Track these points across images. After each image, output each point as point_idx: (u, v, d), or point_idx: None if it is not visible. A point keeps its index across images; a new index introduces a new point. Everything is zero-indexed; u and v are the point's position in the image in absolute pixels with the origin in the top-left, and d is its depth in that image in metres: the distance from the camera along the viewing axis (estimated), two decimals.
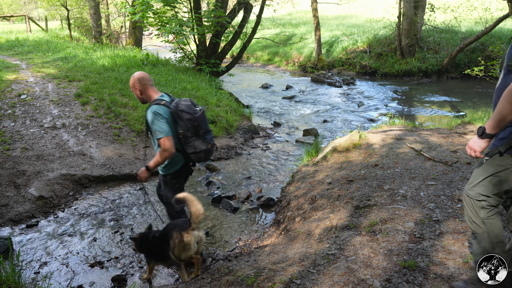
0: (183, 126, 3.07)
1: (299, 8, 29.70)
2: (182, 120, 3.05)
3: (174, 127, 3.10)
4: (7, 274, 2.92)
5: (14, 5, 40.97)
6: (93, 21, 16.45)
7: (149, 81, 3.19)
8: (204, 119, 3.17)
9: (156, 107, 3.05)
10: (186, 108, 3.06)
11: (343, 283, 2.48)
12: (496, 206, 2.07)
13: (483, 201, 2.05)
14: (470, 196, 2.11)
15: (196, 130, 3.12)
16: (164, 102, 3.10)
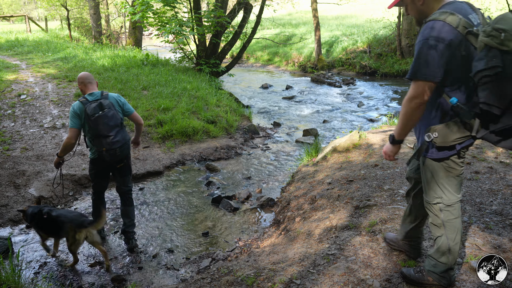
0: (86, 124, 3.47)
1: (299, 8, 29.72)
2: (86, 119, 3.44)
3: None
4: (7, 274, 2.92)
5: (14, 5, 40.97)
6: (93, 21, 16.45)
7: (86, 80, 3.58)
8: (101, 123, 3.40)
9: (74, 103, 3.52)
10: (89, 111, 3.40)
11: (343, 283, 2.48)
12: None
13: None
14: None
15: (94, 131, 3.43)
16: (84, 99, 3.47)
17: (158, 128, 6.84)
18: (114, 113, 3.50)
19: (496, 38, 1.64)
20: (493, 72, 1.65)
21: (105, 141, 3.43)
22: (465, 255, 2.60)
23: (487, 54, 1.67)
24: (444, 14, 1.81)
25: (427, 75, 1.81)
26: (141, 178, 5.58)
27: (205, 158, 6.39)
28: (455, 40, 1.79)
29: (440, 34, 1.78)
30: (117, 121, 3.51)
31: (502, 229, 2.85)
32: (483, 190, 3.51)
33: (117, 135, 3.48)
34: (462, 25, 1.79)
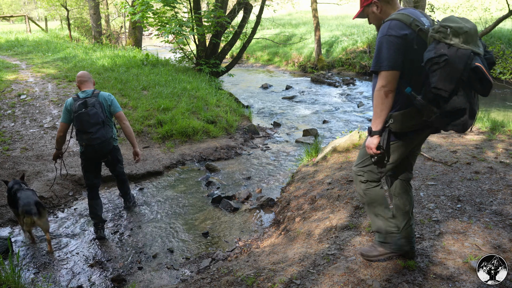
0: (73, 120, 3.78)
1: (298, 8, 29.73)
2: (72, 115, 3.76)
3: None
4: (6, 274, 2.92)
5: (14, 5, 40.97)
6: (93, 21, 16.45)
7: (82, 78, 3.91)
8: (85, 120, 3.68)
9: (68, 99, 3.86)
10: (74, 108, 3.72)
11: (343, 283, 2.48)
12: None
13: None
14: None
15: (77, 127, 3.74)
16: (76, 96, 3.80)
17: (158, 128, 6.84)
18: (97, 112, 3.72)
19: (443, 33, 1.91)
20: (441, 59, 1.89)
21: (85, 136, 3.72)
22: (465, 255, 2.60)
23: (436, 46, 1.93)
24: (398, 15, 2.10)
25: (391, 66, 2.05)
26: (141, 178, 5.58)
27: (205, 158, 6.39)
28: (409, 35, 2.05)
29: (396, 30, 2.05)
30: (99, 119, 3.73)
31: (502, 229, 2.85)
32: (483, 190, 3.51)
33: (97, 132, 3.73)
34: (414, 24, 2.06)
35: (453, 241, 2.78)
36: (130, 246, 3.95)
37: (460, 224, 2.98)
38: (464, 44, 1.90)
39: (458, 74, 1.89)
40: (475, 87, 1.96)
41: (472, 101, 2.00)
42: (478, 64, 1.88)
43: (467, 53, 1.89)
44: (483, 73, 1.89)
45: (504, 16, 11.89)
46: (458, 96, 1.94)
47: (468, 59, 1.89)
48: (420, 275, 2.46)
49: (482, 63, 1.92)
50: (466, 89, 1.95)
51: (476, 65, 1.88)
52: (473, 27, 1.94)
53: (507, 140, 4.95)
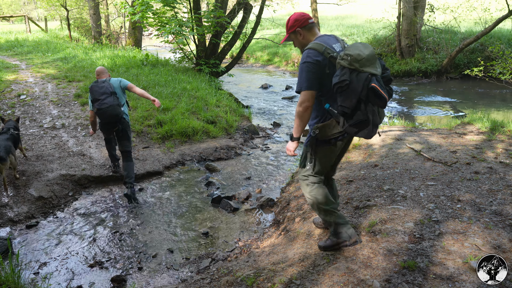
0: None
1: (298, 8, 29.72)
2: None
3: None
4: (6, 274, 2.92)
5: (14, 6, 40.95)
6: (93, 22, 16.45)
7: (98, 73, 4.98)
8: (95, 90, 4.70)
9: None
10: (90, 85, 4.84)
11: (343, 283, 2.48)
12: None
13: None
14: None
15: (92, 97, 4.74)
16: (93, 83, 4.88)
17: (158, 129, 6.84)
18: (105, 85, 4.74)
19: (346, 61, 2.36)
20: (343, 84, 2.34)
21: (97, 102, 4.69)
22: (465, 255, 2.60)
23: (341, 72, 2.38)
24: (314, 44, 2.52)
25: (308, 86, 2.50)
26: (140, 178, 5.57)
27: (204, 158, 6.38)
28: (322, 62, 2.48)
29: (312, 57, 2.48)
30: (107, 90, 4.71)
31: (502, 229, 2.85)
32: (482, 190, 3.51)
33: (105, 99, 4.67)
34: (326, 52, 2.49)
35: (453, 241, 2.78)
36: (130, 246, 3.95)
37: (460, 224, 2.98)
38: (363, 68, 2.35)
39: (357, 94, 2.35)
40: (375, 102, 2.39)
41: (374, 114, 2.44)
42: (374, 85, 2.32)
43: (365, 76, 2.34)
44: (378, 91, 2.32)
45: (503, 16, 11.91)
46: (361, 111, 2.39)
47: (366, 81, 2.33)
48: (420, 275, 2.46)
49: (378, 83, 2.37)
50: (367, 104, 2.39)
51: (372, 85, 2.32)
52: (371, 53, 2.39)
53: (507, 140, 4.95)
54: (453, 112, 9.96)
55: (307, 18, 2.67)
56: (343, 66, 2.38)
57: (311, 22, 2.67)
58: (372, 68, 2.38)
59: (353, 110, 2.40)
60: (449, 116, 9.46)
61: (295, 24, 2.66)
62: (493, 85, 11.65)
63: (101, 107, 4.66)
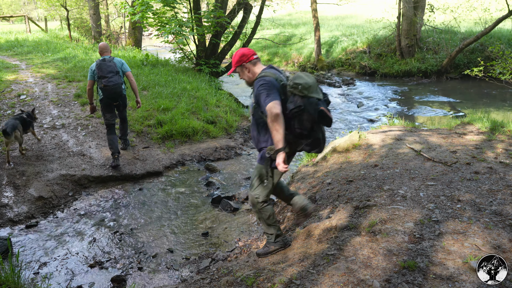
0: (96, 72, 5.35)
1: (298, 8, 29.73)
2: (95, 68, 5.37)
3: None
4: (6, 274, 2.92)
5: (14, 6, 40.95)
6: (93, 22, 16.45)
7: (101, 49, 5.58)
8: (104, 68, 5.28)
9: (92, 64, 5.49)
10: (97, 62, 5.36)
11: (343, 283, 2.48)
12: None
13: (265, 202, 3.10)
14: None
15: (98, 74, 5.30)
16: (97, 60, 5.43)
17: (158, 129, 6.84)
18: (112, 65, 5.34)
19: (296, 89, 2.65)
20: (299, 109, 2.64)
21: (104, 80, 5.27)
22: (465, 256, 2.60)
23: (294, 99, 2.68)
24: (267, 72, 2.78)
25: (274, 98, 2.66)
26: (140, 178, 5.58)
27: (204, 159, 6.38)
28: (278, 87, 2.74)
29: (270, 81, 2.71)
30: (113, 69, 5.33)
31: (501, 229, 2.85)
32: (482, 190, 3.51)
33: (111, 77, 5.29)
34: (279, 79, 2.76)
35: (453, 241, 2.78)
36: (130, 246, 3.95)
37: (460, 224, 2.98)
38: (311, 94, 2.67)
39: (312, 118, 2.67)
40: (323, 123, 2.76)
41: (323, 132, 2.82)
42: (322, 108, 2.68)
43: (314, 101, 2.66)
44: (326, 114, 2.69)
45: (503, 17, 11.91)
46: (314, 131, 2.73)
47: (316, 105, 2.66)
48: (420, 275, 2.46)
49: (324, 106, 2.71)
50: (318, 125, 2.75)
51: (321, 109, 2.68)
52: (314, 81, 2.72)
53: (507, 140, 4.95)
54: (453, 112, 9.96)
55: (253, 54, 2.91)
56: (294, 94, 2.68)
57: (256, 58, 2.92)
58: (317, 94, 2.73)
59: (310, 131, 2.74)
60: (449, 116, 9.46)
61: (242, 59, 2.88)
62: (493, 85, 11.65)
63: (108, 84, 5.29)
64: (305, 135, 2.73)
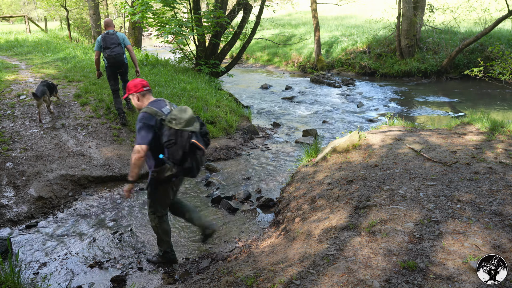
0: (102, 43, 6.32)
1: (298, 8, 29.73)
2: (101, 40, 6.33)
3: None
4: (6, 274, 2.92)
5: (14, 6, 40.93)
6: (93, 22, 16.44)
7: (106, 24, 6.59)
8: (108, 40, 6.23)
9: (98, 37, 6.43)
10: (103, 35, 6.30)
11: (343, 283, 2.48)
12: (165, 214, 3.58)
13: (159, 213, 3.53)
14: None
15: (104, 45, 6.25)
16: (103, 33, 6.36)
17: None
18: (115, 37, 6.26)
19: (171, 123, 3.03)
20: (171, 142, 3.03)
21: (108, 50, 6.23)
22: (464, 256, 2.60)
23: (168, 132, 3.04)
24: (148, 109, 3.15)
25: (144, 142, 3.09)
26: (140, 178, 5.57)
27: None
28: (154, 124, 3.11)
29: (147, 119, 3.10)
30: (116, 41, 6.26)
31: (501, 230, 2.85)
32: (482, 191, 3.51)
33: (114, 48, 6.24)
34: (157, 115, 3.12)
35: (452, 241, 2.78)
36: (130, 246, 3.95)
37: (459, 225, 2.98)
38: (185, 128, 3.04)
39: (182, 149, 3.04)
40: (196, 153, 3.13)
41: (197, 161, 3.17)
42: (194, 141, 3.04)
43: (186, 134, 3.03)
44: (197, 145, 3.06)
45: (503, 17, 11.92)
46: (187, 161, 3.10)
47: (188, 137, 3.03)
48: (420, 275, 2.46)
49: (197, 138, 3.08)
50: (191, 155, 3.10)
51: (193, 141, 3.04)
52: (190, 115, 3.10)
53: (507, 140, 4.95)
54: (453, 112, 9.96)
55: (144, 85, 3.32)
56: (169, 127, 3.05)
57: (146, 90, 3.32)
58: (192, 127, 3.09)
59: (181, 160, 3.10)
60: (449, 116, 9.46)
61: (133, 89, 3.30)
62: (493, 85, 11.65)
63: (111, 54, 6.24)
64: (176, 164, 3.13)
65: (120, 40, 6.32)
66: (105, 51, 6.23)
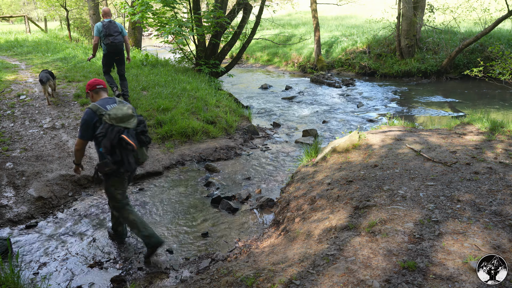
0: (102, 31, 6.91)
1: (298, 8, 29.72)
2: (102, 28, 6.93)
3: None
4: (6, 275, 2.92)
5: (14, 6, 40.91)
6: (93, 22, 16.43)
7: (107, 12, 7.12)
8: (110, 28, 6.83)
9: (97, 23, 6.94)
10: (104, 23, 6.87)
11: (343, 283, 2.48)
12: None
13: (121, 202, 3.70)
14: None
15: (106, 32, 6.83)
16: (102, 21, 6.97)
17: (157, 129, 6.84)
18: (116, 26, 6.90)
19: (107, 118, 3.32)
20: (101, 135, 3.31)
21: (111, 37, 6.81)
22: (464, 256, 2.60)
23: (102, 126, 3.33)
24: (93, 105, 3.45)
25: (81, 136, 3.49)
26: (140, 178, 5.57)
27: (204, 159, 6.38)
28: (95, 119, 3.42)
29: (88, 116, 3.43)
30: (117, 30, 6.89)
31: (501, 230, 2.85)
32: (482, 191, 3.51)
33: (116, 36, 6.87)
34: (98, 111, 3.41)
35: (452, 241, 2.78)
36: (129, 246, 3.95)
37: (459, 225, 2.98)
38: (118, 123, 3.32)
39: (110, 142, 3.28)
40: (126, 148, 3.33)
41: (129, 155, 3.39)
42: (123, 136, 3.28)
43: (117, 129, 3.30)
44: (126, 140, 3.29)
45: (503, 17, 11.92)
46: (116, 154, 3.33)
47: (118, 132, 3.29)
48: (420, 276, 2.46)
49: (127, 134, 3.32)
50: (121, 149, 3.33)
51: (121, 136, 3.28)
52: (125, 113, 3.39)
53: (507, 140, 4.95)
54: (453, 112, 9.96)
55: (97, 84, 3.67)
56: (105, 122, 3.32)
57: (99, 88, 3.66)
58: (126, 124, 3.36)
59: (112, 154, 3.32)
60: (449, 116, 9.46)
61: (87, 87, 3.69)
62: (493, 85, 11.65)
63: (114, 41, 6.81)
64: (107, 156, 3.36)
65: (120, 29, 6.93)
66: (108, 38, 6.71)
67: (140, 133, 3.48)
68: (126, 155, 3.36)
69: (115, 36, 6.75)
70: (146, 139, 3.53)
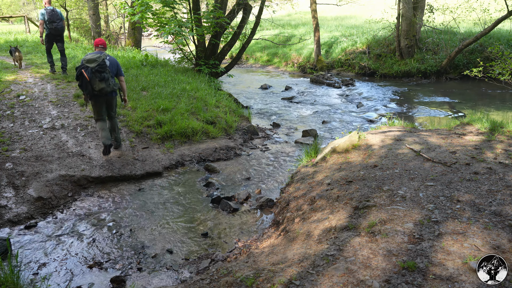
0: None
1: (298, 9, 29.75)
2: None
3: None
4: (5, 275, 2.91)
5: (13, 6, 40.89)
6: (92, 22, 16.44)
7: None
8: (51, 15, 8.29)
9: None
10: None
11: (342, 284, 2.48)
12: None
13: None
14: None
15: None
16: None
17: (157, 129, 6.84)
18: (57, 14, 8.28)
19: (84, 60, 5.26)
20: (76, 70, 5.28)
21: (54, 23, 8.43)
22: (464, 256, 2.60)
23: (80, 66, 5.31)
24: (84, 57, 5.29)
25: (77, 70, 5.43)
26: (140, 178, 5.57)
27: (204, 159, 6.38)
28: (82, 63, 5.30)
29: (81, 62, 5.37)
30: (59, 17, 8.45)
31: (501, 230, 2.85)
32: (482, 191, 3.51)
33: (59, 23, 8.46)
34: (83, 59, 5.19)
35: (452, 241, 2.78)
36: (129, 247, 3.94)
37: (459, 225, 2.98)
38: (86, 64, 5.14)
39: (76, 74, 5.19)
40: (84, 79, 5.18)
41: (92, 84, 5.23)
42: (82, 70, 5.14)
43: (81, 66, 5.14)
44: (83, 73, 5.15)
45: (503, 17, 11.93)
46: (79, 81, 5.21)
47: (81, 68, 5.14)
48: (420, 276, 2.46)
49: (85, 70, 5.14)
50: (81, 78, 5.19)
51: (81, 71, 5.15)
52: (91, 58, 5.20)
53: (506, 140, 4.95)
54: (453, 112, 9.97)
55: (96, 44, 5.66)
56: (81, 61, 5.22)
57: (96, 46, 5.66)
58: (90, 64, 5.14)
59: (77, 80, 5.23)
60: (449, 116, 9.47)
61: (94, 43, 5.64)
62: (493, 86, 11.66)
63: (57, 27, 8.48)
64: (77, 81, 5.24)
65: (61, 16, 8.42)
66: (52, 24, 8.25)
67: (96, 71, 5.17)
68: (85, 83, 5.19)
69: (57, 23, 8.32)
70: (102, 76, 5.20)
